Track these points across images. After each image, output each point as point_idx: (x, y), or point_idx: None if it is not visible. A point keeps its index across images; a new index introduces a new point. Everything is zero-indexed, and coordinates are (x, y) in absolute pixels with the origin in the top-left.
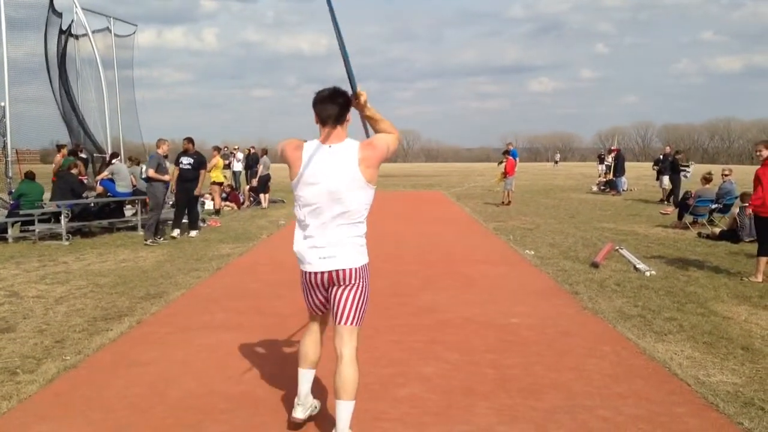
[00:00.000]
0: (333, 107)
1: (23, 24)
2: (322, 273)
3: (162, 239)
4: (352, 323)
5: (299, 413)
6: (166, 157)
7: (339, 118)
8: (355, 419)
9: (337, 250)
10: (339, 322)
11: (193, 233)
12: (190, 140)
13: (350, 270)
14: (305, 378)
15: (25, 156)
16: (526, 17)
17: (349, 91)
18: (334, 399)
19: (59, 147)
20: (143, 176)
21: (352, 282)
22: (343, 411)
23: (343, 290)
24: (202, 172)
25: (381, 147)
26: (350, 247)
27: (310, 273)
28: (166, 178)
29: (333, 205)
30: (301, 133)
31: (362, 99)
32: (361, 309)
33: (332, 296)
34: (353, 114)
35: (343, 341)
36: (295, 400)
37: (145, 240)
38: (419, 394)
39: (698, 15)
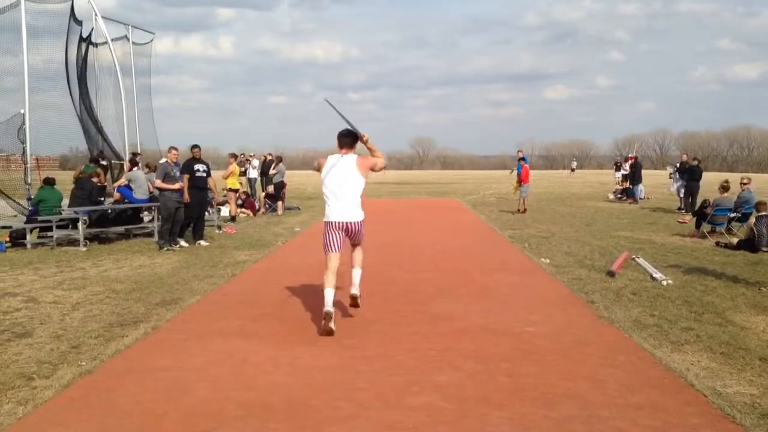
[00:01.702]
0: (347, 140)
1: (43, 32)
2: (339, 222)
3: (177, 246)
4: (359, 244)
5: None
6: (176, 164)
7: (350, 146)
8: (368, 428)
9: (348, 211)
10: (354, 245)
11: (204, 243)
12: (198, 147)
13: (354, 222)
14: (330, 295)
15: (44, 162)
16: (539, 25)
17: (358, 133)
18: (351, 268)
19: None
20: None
21: (357, 228)
22: (356, 274)
23: (354, 233)
24: (211, 179)
25: (369, 161)
26: (355, 209)
27: (332, 222)
28: (177, 186)
29: (342, 188)
30: (316, 138)
31: (365, 138)
32: (362, 238)
33: (350, 235)
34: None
35: (356, 249)
36: (325, 310)
37: (160, 248)
38: (433, 403)
39: (714, 23)
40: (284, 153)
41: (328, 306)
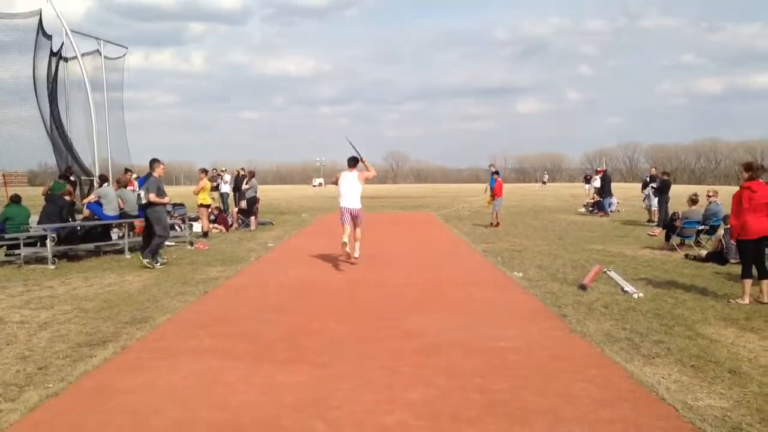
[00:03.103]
0: (351, 163)
1: (11, 46)
2: (346, 207)
3: (159, 264)
4: (359, 227)
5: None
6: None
7: (353, 166)
8: None
9: (353, 204)
10: (356, 226)
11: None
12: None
13: (356, 209)
14: (345, 237)
15: (12, 178)
16: (509, 40)
17: (360, 157)
18: (354, 242)
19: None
20: (143, 201)
21: (357, 212)
22: (357, 245)
23: (355, 217)
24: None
25: (364, 174)
26: (357, 202)
27: (343, 207)
28: (166, 200)
29: (349, 190)
30: (289, 153)
31: (364, 160)
32: (361, 222)
33: (352, 219)
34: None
35: (357, 231)
36: (342, 241)
37: (147, 264)
38: (407, 421)
39: (678, 38)
40: (257, 167)
41: (344, 239)
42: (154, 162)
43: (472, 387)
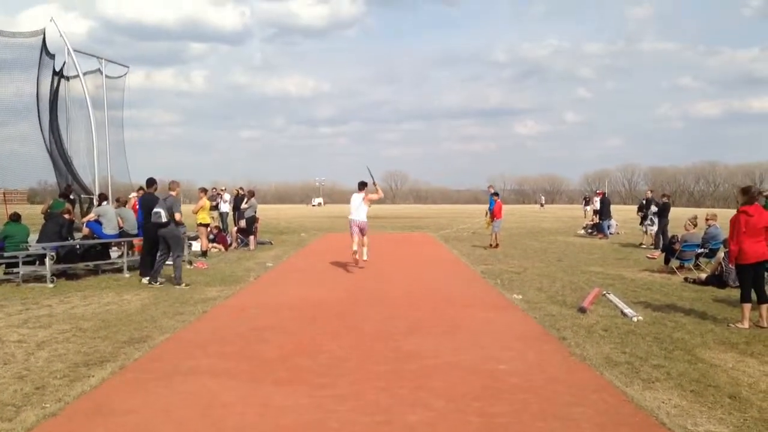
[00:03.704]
0: (361, 186)
1: (12, 64)
2: (355, 221)
3: (158, 283)
4: (365, 236)
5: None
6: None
7: (362, 189)
8: None
9: (360, 217)
10: (363, 235)
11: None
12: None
13: (363, 222)
14: (354, 246)
15: (12, 196)
16: (508, 61)
17: (373, 180)
18: (362, 248)
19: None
20: (162, 220)
21: (363, 225)
22: (364, 251)
23: (362, 228)
24: None
25: (369, 196)
26: (363, 216)
27: (352, 219)
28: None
29: (356, 207)
30: (288, 173)
31: (377, 185)
32: (367, 233)
33: (360, 230)
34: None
35: (364, 239)
36: (352, 250)
37: (153, 282)
38: None
39: (676, 61)
40: (257, 187)
41: (354, 248)
42: (174, 183)
43: (471, 410)
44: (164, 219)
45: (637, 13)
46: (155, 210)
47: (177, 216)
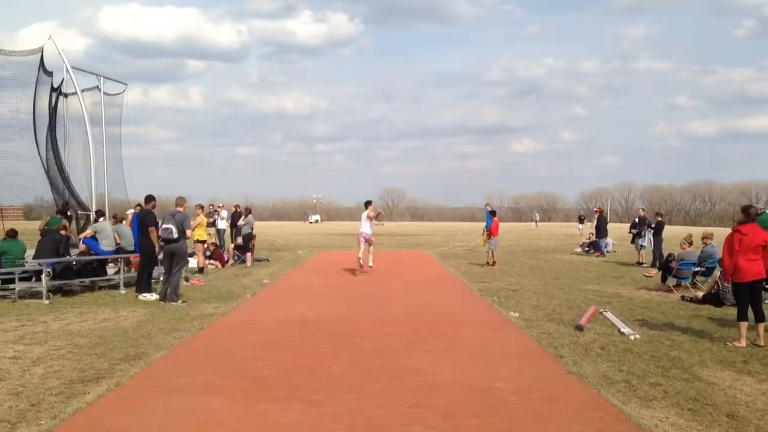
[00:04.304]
0: (367, 203)
1: (9, 82)
2: (362, 233)
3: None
4: (371, 245)
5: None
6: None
7: (368, 206)
8: None
9: (365, 230)
10: (369, 245)
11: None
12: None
13: (368, 234)
14: (360, 254)
15: (8, 212)
16: (504, 80)
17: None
18: (368, 255)
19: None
20: (174, 236)
21: (369, 236)
22: (371, 258)
23: (368, 240)
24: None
25: (370, 214)
26: (368, 229)
27: (360, 232)
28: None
29: (363, 221)
30: (286, 190)
31: (380, 211)
32: (373, 241)
33: (366, 240)
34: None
35: (371, 248)
36: (358, 258)
37: (174, 300)
38: None
39: (671, 81)
40: (254, 204)
41: (359, 255)
42: (181, 199)
43: (469, 428)
44: (175, 235)
45: (633, 32)
46: (165, 226)
47: (188, 233)
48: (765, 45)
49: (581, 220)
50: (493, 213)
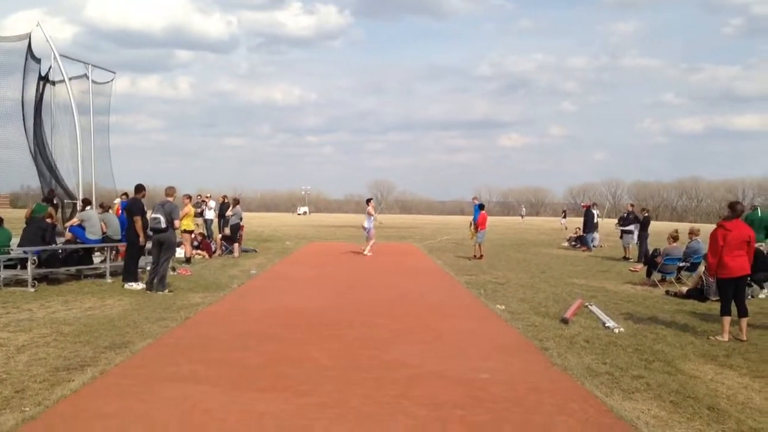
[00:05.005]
0: (369, 201)
1: None
2: (362, 226)
3: (168, 290)
4: (368, 237)
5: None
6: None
7: (368, 203)
8: None
9: (364, 223)
10: (367, 235)
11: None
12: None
13: (366, 226)
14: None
15: None
16: (493, 75)
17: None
18: (367, 243)
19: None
20: (162, 225)
21: (365, 228)
22: (367, 248)
23: (366, 230)
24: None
25: (368, 210)
26: (366, 222)
27: (363, 225)
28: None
29: (366, 217)
30: (274, 181)
31: (375, 213)
32: (369, 233)
33: (366, 231)
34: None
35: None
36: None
37: (169, 292)
38: None
39: (659, 78)
40: (242, 195)
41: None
42: (171, 188)
43: (453, 418)
44: (163, 225)
45: (622, 29)
46: (154, 215)
47: (176, 223)
48: (752, 43)
49: (565, 215)
50: (481, 206)
